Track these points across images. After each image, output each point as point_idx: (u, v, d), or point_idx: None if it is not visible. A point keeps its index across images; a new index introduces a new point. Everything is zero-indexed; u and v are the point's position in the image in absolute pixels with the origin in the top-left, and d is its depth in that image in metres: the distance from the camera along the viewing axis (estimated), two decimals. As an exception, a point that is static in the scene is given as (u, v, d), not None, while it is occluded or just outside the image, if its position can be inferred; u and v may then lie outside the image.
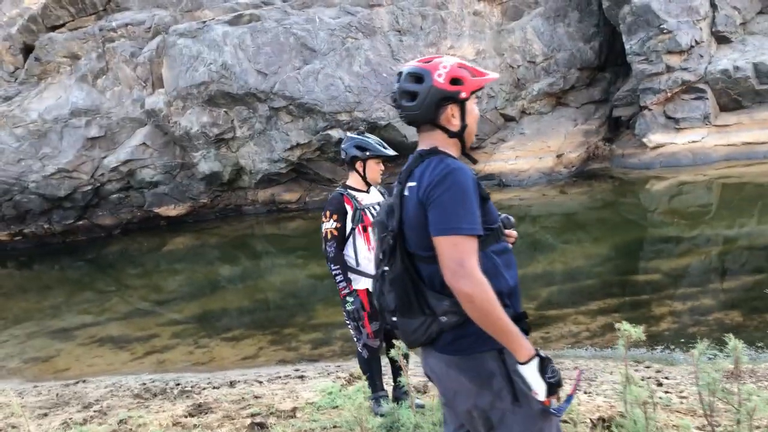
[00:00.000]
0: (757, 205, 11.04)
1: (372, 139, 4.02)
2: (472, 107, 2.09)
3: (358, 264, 3.94)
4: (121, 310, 9.62)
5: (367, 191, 3.98)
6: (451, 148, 2.07)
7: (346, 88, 13.20)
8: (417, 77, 2.05)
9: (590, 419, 3.88)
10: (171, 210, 14.67)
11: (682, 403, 4.12)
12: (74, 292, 11.27)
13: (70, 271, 13.31)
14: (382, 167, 4.02)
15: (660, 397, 3.86)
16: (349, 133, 4.06)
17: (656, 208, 12.29)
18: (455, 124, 2.06)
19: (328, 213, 3.89)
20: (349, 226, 3.89)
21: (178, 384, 5.66)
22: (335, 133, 13.29)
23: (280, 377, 5.56)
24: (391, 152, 4.03)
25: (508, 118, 14.58)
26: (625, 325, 2.80)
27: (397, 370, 3.98)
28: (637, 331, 2.73)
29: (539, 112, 14.75)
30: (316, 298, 8.99)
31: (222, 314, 8.73)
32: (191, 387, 5.44)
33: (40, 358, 7.55)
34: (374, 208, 3.90)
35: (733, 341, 2.79)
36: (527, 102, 14.61)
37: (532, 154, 13.89)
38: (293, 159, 13.67)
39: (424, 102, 2.02)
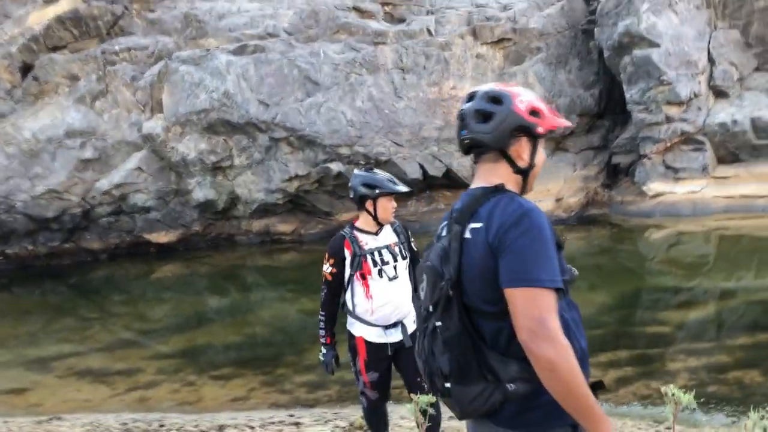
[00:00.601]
0: (754, 258, 10.98)
1: (381, 176, 3.76)
2: (542, 148, 1.88)
3: (354, 309, 3.73)
4: (104, 339, 9.22)
5: (376, 233, 3.70)
6: (513, 185, 1.84)
7: (348, 122, 13.12)
8: (495, 98, 1.84)
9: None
10: (162, 236, 14.36)
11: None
12: (54, 318, 10.80)
13: (51, 296, 12.87)
14: (394, 204, 3.74)
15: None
16: (356, 171, 3.81)
17: (654, 257, 12.23)
18: (524, 159, 1.84)
19: (327, 255, 3.72)
20: (347, 272, 3.67)
21: (162, 425, 5.34)
22: (335, 166, 13.16)
23: (273, 423, 5.27)
24: (403, 188, 3.77)
25: (507, 161, 14.52)
26: (673, 389, 2.56)
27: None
28: (689, 398, 2.50)
29: (538, 155, 14.70)
30: (309, 335, 8.66)
31: (210, 349, 8.38)
32: (177, 430, 5.13)
33: (12, 390, 7.03)
34: (380, 253, 3.66)
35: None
36: (527, 145, 14.56)
37: (532, 197, 13.58)
38: (291, 190, 13.49)
39: (500, 126, 1.80)
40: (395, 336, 3.68)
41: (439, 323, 1.78)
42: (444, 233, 1.87)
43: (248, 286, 12.87)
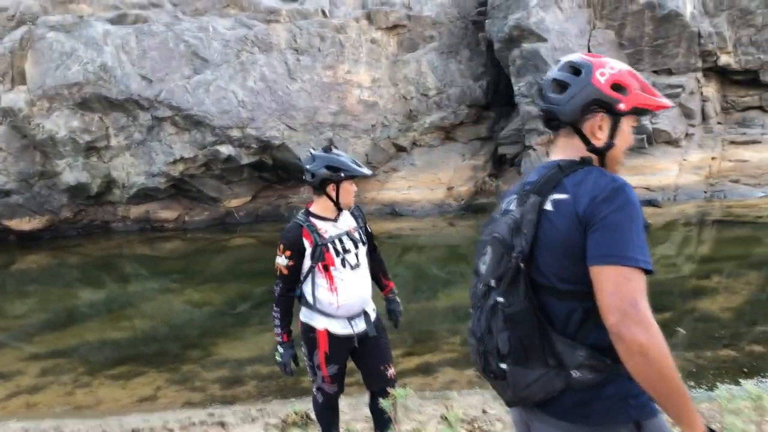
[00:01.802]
0: None
1: (344, 157, 3.43)
2: (628, 128, 1.72)
3: (315, 302, 3.42)
4: (-42, 341, 8.07)
5: (335, 219, 3.41)
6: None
7: (239, 102, 12.45)
8: (575, 68, 1.71)
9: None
10: (24, 223, 12.89)
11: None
12: None
13: None
14: (355, 188, 3.46)
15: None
16: (314, 151, 3.44)
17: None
18: (599, 138, 1.69)
19: (282, 246, 3.36)
20: (307, 263, 3.38)
21: (61, 433, 4.70)
22: (225, 149, 12.46)
23: (194, 424, 4.79)
24: (367, 171, 3.49)
25: (400, 148, 14.56)
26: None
27: (383, 424, 3.49)
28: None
29: (429, 144, 14.89)
30: (209, 329, 8.12)
31: (97, 347, 7.56)
32: (81, 437, 4.52)
33: None
34: (341, 241, 3.39)
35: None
36: (418, 134, 14.70)
37: (423, 185, 13.93)
38: (175, 174, 12.60)
39: (573, 98, 1.67)
40: (360, 326, 3.48)
41: (501, 299, 1.62)
42: (512, 206, 1.72)
43: (126, 277, 11.86)
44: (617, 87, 1.67)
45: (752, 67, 15.12)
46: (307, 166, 3.37)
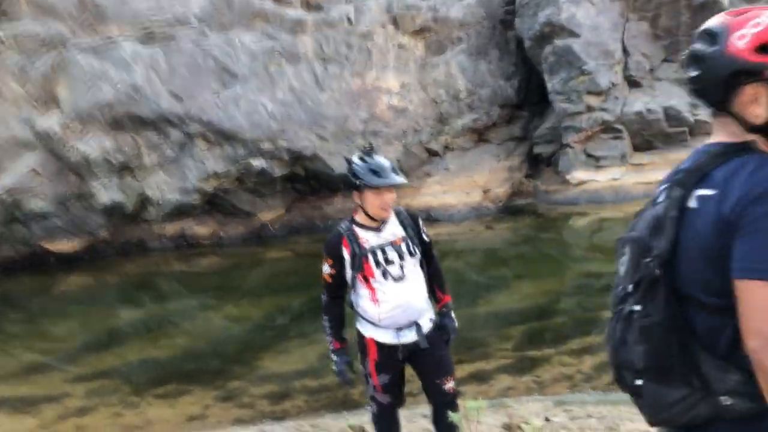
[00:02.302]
0: None
1: (371, 163, 3.22)
2: None
3: (361, 311, 3.35)
4: (6, 365, 8.02)
5: (378, 228, 3.23)
6: (763, 146, 1.39)
7: (269, 115, 12.36)
8: (710, 35, 1.39)
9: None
10: (63, 245, 12.93)
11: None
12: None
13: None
14: (386, 198, 3.17)
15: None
16: (350, 156, 3.36)
17: (579, 243, 12.43)
18: (758, 114, 1.36)
19: (324, 255, 3.32)
20: (349, 272, 3.27)
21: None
22: (257, 162, 12.37)
23: (249, 442, 4.61)
24: (388, 180, 3.16)
25: (433, 153, 14.33)
26: None
27: None
28: None
29: (462, 147, 14.63)
30: (251, 344, 7.98)
31: (140, 367, 7.45)
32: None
33: None
34: (383, 251, 3.21)
35: None
36: (451, 137, 14.45)
37: (459, 189, 13.66)
38: (208, 189, 12.53)
39: (707, 75, 1.38)
40: (408, 337, 3.30)
41: (637, 307, 1.39)
42: (661, 198, 1.46)
43: (165, 295, 11.83)
44: (765, 48, 1.33)
45: (795, 51, 14.56)
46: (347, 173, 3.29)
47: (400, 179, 3.23)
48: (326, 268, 3.30)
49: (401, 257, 3.23)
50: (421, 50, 14.24)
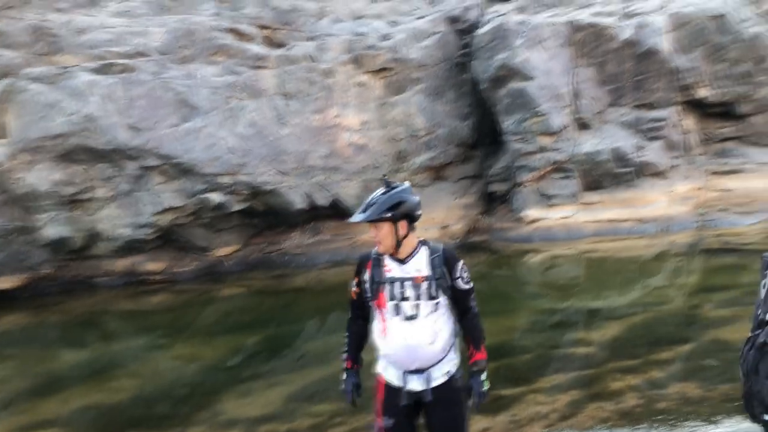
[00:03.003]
0: (617, 278, 11.75)
1: (371, 197, 3.18)
2: None
3: (376, 344, 3.24)
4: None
5: (403, 260, 3.14)
6: None
7: (229, 149, 12.25)
8: None
9: None
10: (2, 282, 12.30)
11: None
12: None
13: None
14: (374, 232, 3.14)
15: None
16: None
17: (532, 280, 12.68)
18: None
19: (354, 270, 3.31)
20: (368, 296, 3.20)
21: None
22: (215, 197, 12.19)
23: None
24: (356, 218, 3.16)
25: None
26: None
27: None
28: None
29: (420, 185, 14.79)
30: (205, 386, 7.65)
31: (87, 413, 7.01)
32: None
33: None
34: (401, 285, 3.11)
35: None
36: (409, 174, 14.62)
37: (418, 225, 13.74)
38: (163, 224, 12.24)
39: None
40: (414, 384, 3.17)
41: None
42: None
43: (111, 334, 11.31)
44: None
45: (728, 99, 15.50)
46: None
47: (357, 217, 3.15)
48: (352, 284, 3.28)
49: (418, 297, 3.11)
50: (381, 89, 14.47)
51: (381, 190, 3.19)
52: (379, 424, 3.23)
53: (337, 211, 13.65)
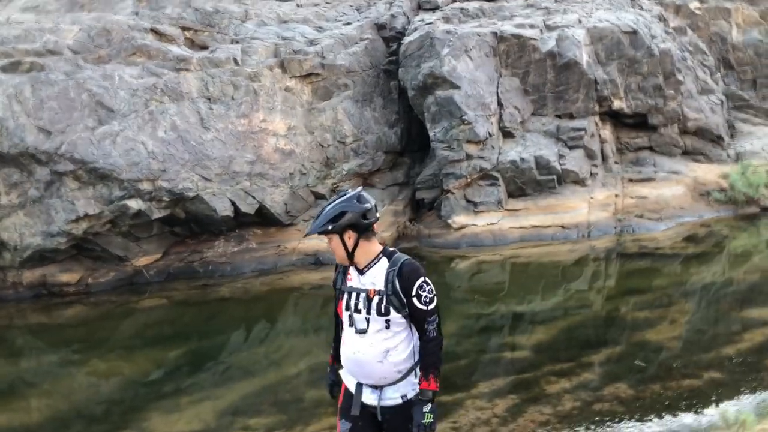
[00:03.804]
0: (540, 282, 12.06)
1: (321, 208, 3.23)
2: None
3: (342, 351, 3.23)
4: None
5: (362, 270, 3.12)
6: None
7: (149, 154, 11.68)
8: None
9: None
10: None
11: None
12: None
13: None
14: (328, 243, 3.19)
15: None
16: None
17: (460, 285, 12.81)
18: None
19: None
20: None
21: None
22: (134, 204, 11.57)
23: None
24: (307, 230, 3.30)
25: (319, 196, 14.23)
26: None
27: None
28: None
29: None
30: (127, 403, 7.26)
31: None
32: None
33: None
34: (357, 296, 3.04)
35: None
36: (337, 181, 14.47)
37: (346, 233, 13.59)
38: (77, 233, 11.50)
39: None
40: (368, 397, 3.08)
41: None
42: None
43: (18, 351, 10.50)
44: None
45: (641, 111, 16.29)
46: None
47: (307, 230, 3.22)
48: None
49: (368, 311, 3.01)
50: (308, 95, 14.25)
51: (332, 199, 3.20)
52: (338, 428, 3.21)
53: (264, 219, 13.30)
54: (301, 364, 8.09)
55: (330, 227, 3.03)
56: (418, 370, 3.05)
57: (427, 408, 2.95)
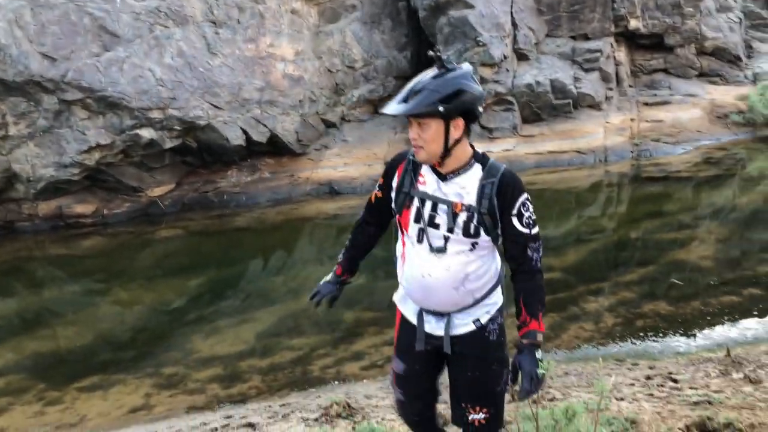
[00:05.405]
0: (554, 209, 11.98)
1: (416, 80, 2.33)
2: None
3: (396, 267, 2.53)
4: None
5: (445, 176, 2.33)
6: None
7: (157, 81, 11.32)
8: None
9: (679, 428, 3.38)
10: None
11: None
12: None
13: None
14: (415, 132, 2.29)
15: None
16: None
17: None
18: None
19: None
20: (393, 207, 2.45)
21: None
22: (145, 133, 11.31)
23: (216, 429, 4.10)
24: (392, 108, 2.32)
25: (329, 124, 13.96)
26: None
27: None
28: None
29: (359, 119, 14.39)
30: (141, 329, 7.29)
31: (26, 363, 6.46)
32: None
33: None
34: (434, 207, 2.32)
35: None
36: (347, 108, 14.16)
37: (359, 161, 13.42)
38: (90, 163, 11.28)
39: None
40: (432, 327, 2.46)
41: None
42: None
43: (40, 282, 10.51)
44: None
45: (658, 31, 15.80)
46: None
47: (395, 108, 2.27)
48: (376, 187, 2.60)
49: (450, 229, 2.31)
50: (315, 17, 13.73)
51: (431, 71, 2.31)
52: (392, 366, 2.65)
53: (275, 148, 13.06)
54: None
55: (442, 108, 2.19)
56: (494, 293, 2.51)
57: (538, 354, 2.35)
